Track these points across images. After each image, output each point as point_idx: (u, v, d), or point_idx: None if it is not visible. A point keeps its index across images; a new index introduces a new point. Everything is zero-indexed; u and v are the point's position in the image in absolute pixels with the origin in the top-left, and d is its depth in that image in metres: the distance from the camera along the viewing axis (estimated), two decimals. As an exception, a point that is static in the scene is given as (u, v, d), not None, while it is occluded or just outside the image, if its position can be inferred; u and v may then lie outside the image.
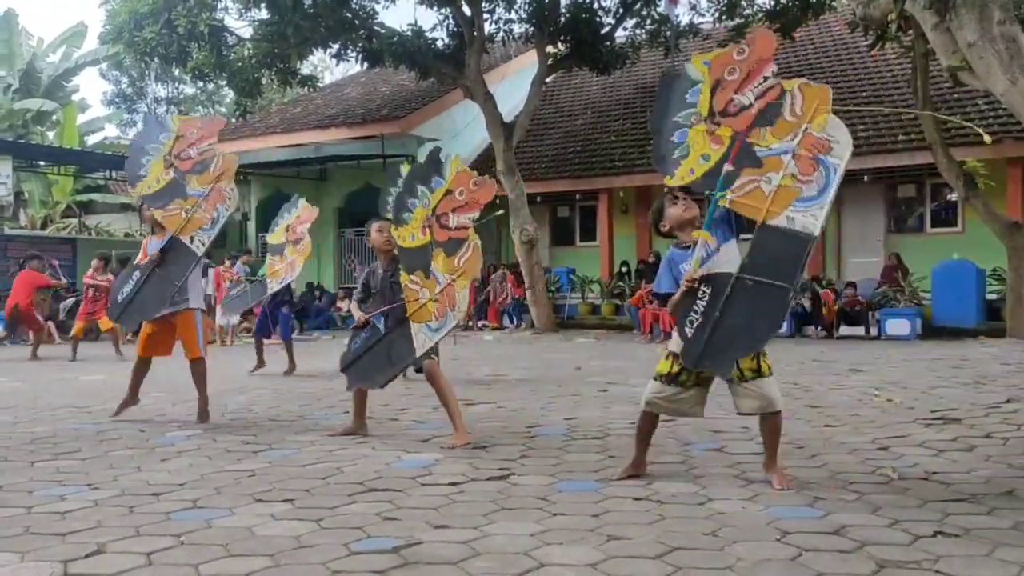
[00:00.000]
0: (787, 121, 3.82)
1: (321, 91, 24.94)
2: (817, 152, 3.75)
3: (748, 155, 3.89)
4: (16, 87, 26.93)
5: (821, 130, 3.75)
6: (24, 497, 4.06)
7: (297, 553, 3.15)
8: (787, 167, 3.79)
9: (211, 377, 6.72)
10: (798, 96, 3.82)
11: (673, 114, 4.10)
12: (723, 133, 3.95)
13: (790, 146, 3.80)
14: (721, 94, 3.96)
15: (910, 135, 16.34)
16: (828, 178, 3.74)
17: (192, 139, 6.14)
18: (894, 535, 3.23)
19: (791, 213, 3.79)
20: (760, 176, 3.86)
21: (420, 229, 5.20)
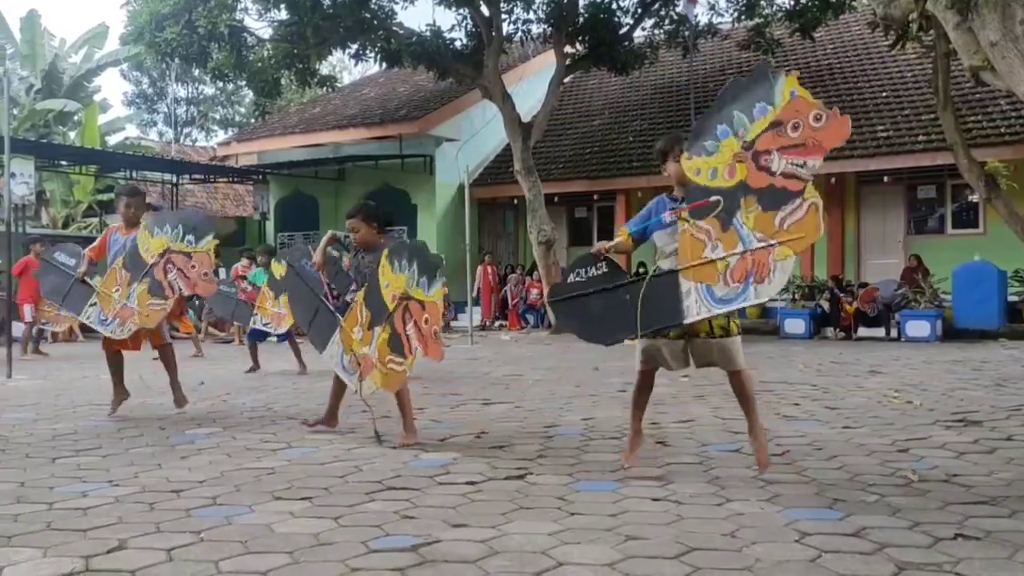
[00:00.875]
0: (773, 222, 3.77)
1: (340, 91, 25.01)
2: (754, 272, 3.78)
3: (729, 213, 3.87)
4: (38, 87, 27.15)
5: (779, 258, 3.75)
6: (46, 493, 4.10)
7: (316, 550, 3.16)
8: (732, 256, 3.84)
9: (231, 376, 6.76)
10: (800, 213, 3.72)
11: (736, 108, 3.89)
12: (740, 171, 3.84)
13: (751, 242, 3.80)
14: (771, 137, 3.76)
15: (931, 135, 16.21)
16: (737, 299, 3.85)
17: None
18: (914, 537, 3.21)
19: (694, 290, 3.96)
20: (712, 238, 3.91)
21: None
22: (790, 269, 3.76)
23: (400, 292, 5.10)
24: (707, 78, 21.82)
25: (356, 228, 5.48)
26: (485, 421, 6.19)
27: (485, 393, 7.79)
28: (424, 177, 20.61)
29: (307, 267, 6.04)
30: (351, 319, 5.37)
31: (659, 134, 19.97)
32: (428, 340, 5.07)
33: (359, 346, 5.27)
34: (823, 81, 19.87)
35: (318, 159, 21.25)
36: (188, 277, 6.24)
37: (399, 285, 5.12)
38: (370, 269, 5.36)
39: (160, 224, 6.37)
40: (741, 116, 3.88)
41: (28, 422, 6.37)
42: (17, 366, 9.73)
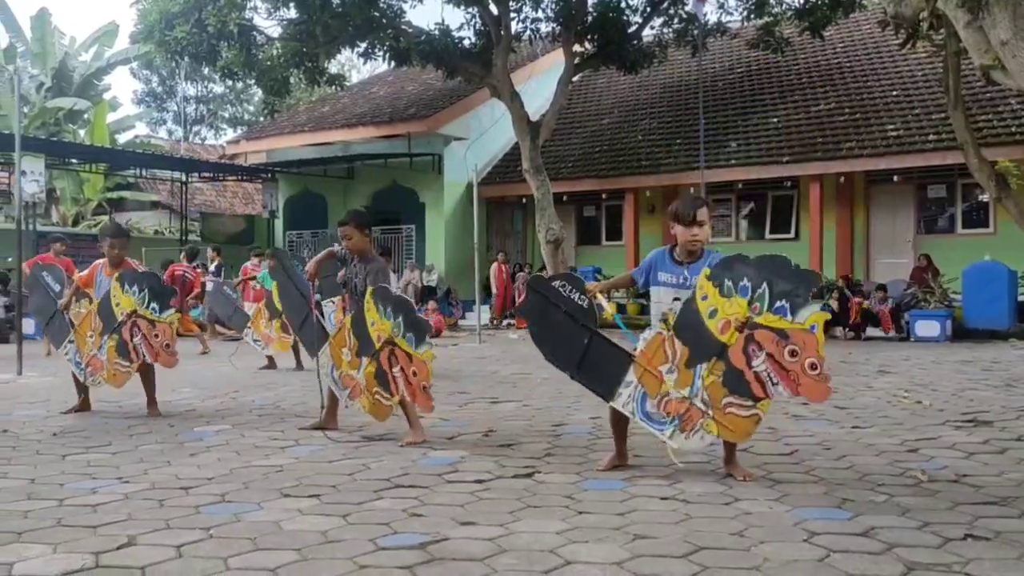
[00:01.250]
0: (720, 398, 4.01)
1: (349, 90, 25.07)
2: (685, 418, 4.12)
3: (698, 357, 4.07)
4: (49, 85, 27.28)
5: (705, 428, 4.09)
6: (56, 490, 4.12)
7: (324, 548, 3.17)
8: (677, 392, 4.12)
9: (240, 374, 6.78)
10: (744, 412, 3.99)
11: (768, 283, 3.91)
12: (730, 336, 3.97)
13: (697, 397, 4.07)
14: (772, 339, 3.89)
15: (941, 135, 16.15)
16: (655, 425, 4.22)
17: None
18: (924, 537, 3.20)
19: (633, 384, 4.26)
20: (674, 361, 4.13)
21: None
22: (708, 442, 4.10)
23: (386, 336, 5.17)
24: (716, 77, 21.79)
25: (349, 235, 5.53)
26: (493, 419, 6.20)
27: (493, 391, 7.79)
28: (433, 176, 20.63)
29: (298, 270, 6.11)
30: (340, 338, 5.46)
31: (668, 133, 20.00)
32: (416, 392, 5.11)
33: (348, 367, 5.39)
34: (832, 80, 19.83)
35: (327, 157, 21.30)
36: (151, 345, 6.27)
37: (384, 329, 5.19)
38: (359, 279, 5.51)
39: (130, 282, 6.33)
40: (766, 295, 3.88)
41: (39, 418, 6.40)
42: (32, 363, 9.77)
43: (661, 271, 4.26)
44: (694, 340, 4.04)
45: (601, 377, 4.36)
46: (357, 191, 22.00)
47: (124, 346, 6.31)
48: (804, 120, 18.64)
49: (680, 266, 4.23)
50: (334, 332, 5.60)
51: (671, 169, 18.85)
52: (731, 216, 19.83)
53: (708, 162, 17.35)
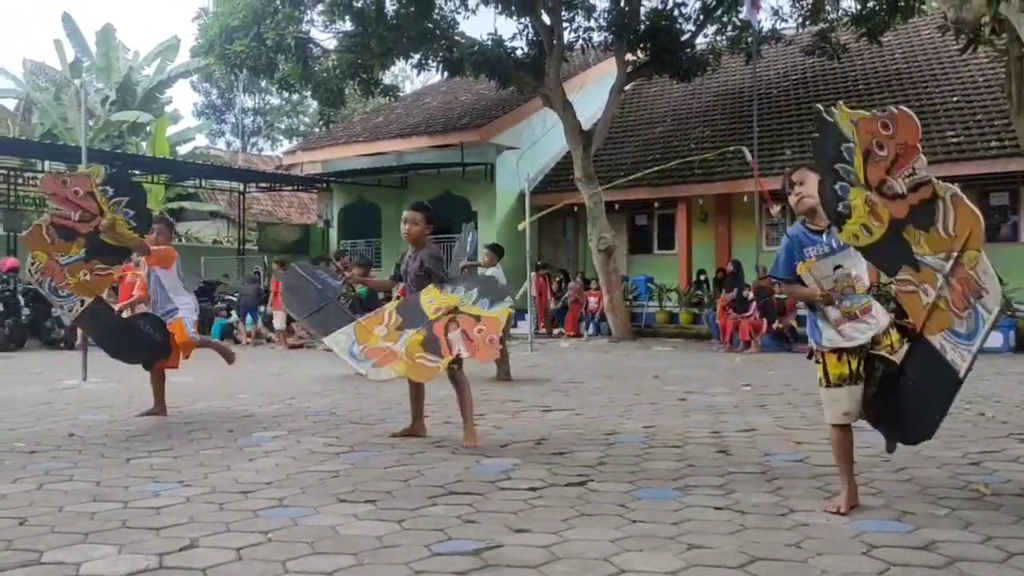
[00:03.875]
0: (940, 236, 3.40)
1: (402, 100, 25.32)
2: (967, 292, 3.38)
3: (906, 251, 3.53)
4: (113, 99, 28.01)
5: (972, 267, 3.34)
6: (120, 492, 4.23)
7: (380, 553, 3.21)
8: (940, 288, 3.46)
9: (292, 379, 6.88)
10: (950, 210, 3.35)
11: (833, 161, 3.64)
12: (882, 213, 3.54)
13: (943, 267, 3.43)
14: (873, 168, 3.50)
15: (1003, 141, 15.78)
16: (978, 326, 3.38)
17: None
18: (986, 552, 3.14)
19: (944, 341, 3.49)
20: (917, 282, 3.53)
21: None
22: (990, 269, 3.34)
23: (447, 307, 5.30)
24: (771, 84, 21.56)
25: (415, 220, 5.66)
26: (545, 428, 6.21)
27: (545, 400, 7.80)
28: (485, 185, 20.73)
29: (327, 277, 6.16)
30: (374, 319, 5.50)
31: (722, 141, 19.82)
32: (479, 346, 5.21)
33: (379, 341, 5.35)
34: (891, 86, 19.49)
35: (381, 167, 21.53)
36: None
37: (448, 302, 5.34)
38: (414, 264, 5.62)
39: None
40: (845, 166, 3.61)
41: (103, 423, 6.57)
42: (96, 368, 10.02)
43: (807, 247, 3.88)
44: (894, 257, 3.61)
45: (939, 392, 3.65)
46: (410, 200, 22.00)
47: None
48: (861, 127, 18.33)
49: (818, 234, 3.87)
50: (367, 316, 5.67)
51: (724, 177, 18.69)
52: (785, 223, 19.57)
53: (762, 170, 17.17)
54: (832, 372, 3.79)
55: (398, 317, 5.40)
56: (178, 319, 6.79)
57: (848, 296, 3.79)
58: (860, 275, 3.82)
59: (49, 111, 27.02)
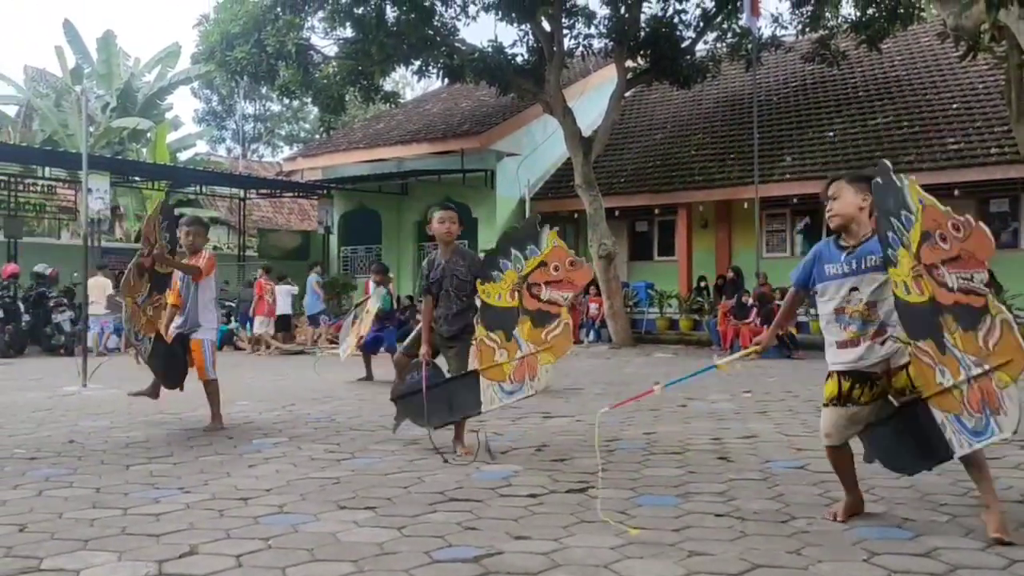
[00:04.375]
0: (977, 343, 3.28)
1: (403, 107, 25.35)
2: (987, 402, 3.30)
3: (936, 330, 3.40)
4: (113, 106, 28.03)
5: (1000, 387, 3.25)
6: (120, 499, 4.23)
7: (380, 559, 3.21)
8: (961, 382, 3.36)
9: (296, 386, 6.88)
10: (996, 330, 3.23)
11: (890, 214, 3.46)
12: (925, 286, 3.39)
13: (969, 367, 3.31)
14: (929, 251, 3.32)
15: (1003, 148, 15.79)
16: (987, 431, 3.33)
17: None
18: (988, 559, 3.13)
19: (946, 421, 3.44)
20: (936, 361, 3.42)
21: (509, 291, 5.16)
22: (1016, 398, 3.23)
23: (514, 284, 5.21)
24: (771, 91, 21.59)
25: (453, 220, 5.57)
26: (546, 434, 6.21)
27: (545, 406, 7.79)
28: (485, 191, 20.75)
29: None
30: (486, 354, 5.21)
31: (722, 148, 19.86)
32: (567, 278, 5.20)
33: (511, 362, 5.20)
34: (891, 93, 19.52)
35: (381, 174, 21.55)
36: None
37: (510, 281, 5.23)
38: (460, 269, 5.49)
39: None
40: (899, 224, 3.42)
41: (103, 430, 6.57)
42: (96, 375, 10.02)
43: (828, 263, 3.77)
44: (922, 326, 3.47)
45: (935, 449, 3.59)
46: (411, 207, 22.20)
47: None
48: (861, 134, 18.37)
49: (842, 250, 3.74)
50: (473, 359, 5.34)
51: (724, 184, 18.71)
52: (785, 231, 19.61)
53: (762, 177, 17.19)
54: (824, 391, 3.75)
55: (496, 332, 5.20)
56: (198, 340, 6.52)
57: (854, 320, 3.66)
58: (877, 303, 3.63)
59: (50, 117, 27.05)
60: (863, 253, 3.66)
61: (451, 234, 5.55)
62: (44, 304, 16.08)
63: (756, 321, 14.75)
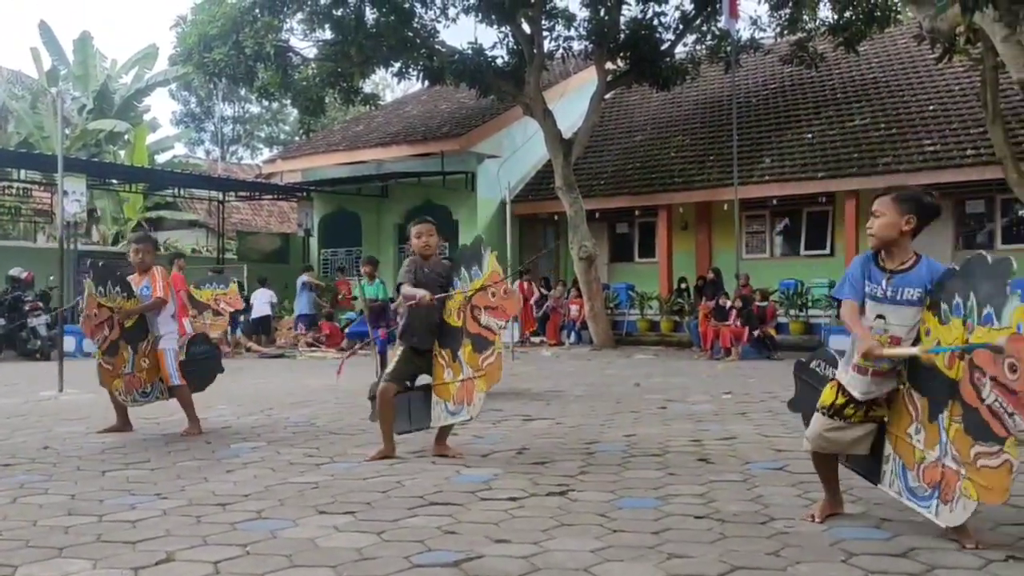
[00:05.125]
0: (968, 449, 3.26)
1: (383, 109, 25.29)
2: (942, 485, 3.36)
3: (939, 402, 3.39)
4: (90, 107, 27.78)
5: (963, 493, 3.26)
6: (96, 506, 4.18)
7: (360, 565, 3.19)
8: (930, 454, 3.43)
9: (277, 389, 6.84)
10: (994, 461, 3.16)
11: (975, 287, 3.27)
12: (958, 367, 3.30)
13: (946, 453, 3.35)
14: (987, 359, 3.17)
15: (979, 149, 15.95)
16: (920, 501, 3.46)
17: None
18: (964, 559, 3.15)
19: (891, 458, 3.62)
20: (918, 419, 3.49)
21: (457, 310, 5.29)
22: (971, 511, 3.25)
23: (461, 304, 5.30)
24: (750, 93, 21.71)
25: (431, 233, 5.54)
26: (526, 437, 6.19)
27: (526, 409, 7.79)
28: (466, 193, 20.73)
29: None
30: (439, 370, 5.42)
31: (701, 150, 19.95)
32: (501, 305, 5.22)
33: (454, 386, 5.32)
34: (868, 95, 19.67)
35: (361, 176, 21.49)
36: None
37: (458, 300, 5.32)
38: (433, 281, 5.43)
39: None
40: (974, 305, 3.24)
41: (79, 435, 6.51)
42: (72, 380, 9.92)
43: (869, 280, 3.54)
44: (929, 385, 3.43)
45: (866, 460, 3.77)
46: (391, 209, 22.15)
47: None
48: (839, 135, 18.51)
49: (882, 272, 3.53)
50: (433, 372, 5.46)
51: (704, 186, 18.79)
52: (765, 232, 19.71)
53: (742, 178, 17.27)
54: (823, 394, 3.71)
55: (445, 350, 5.39)
56: (161, 350, 6.54)
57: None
58: (899, 339, 3.49)
59: (25, 119, 26.79)
60: (901, 284, 3.49)
61: (429, 247, 5.53)
62: (19, 308, 15.91)
63: (736, 322, 14.81)
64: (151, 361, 6.52)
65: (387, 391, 5.37)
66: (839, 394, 3.62)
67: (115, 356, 6.47)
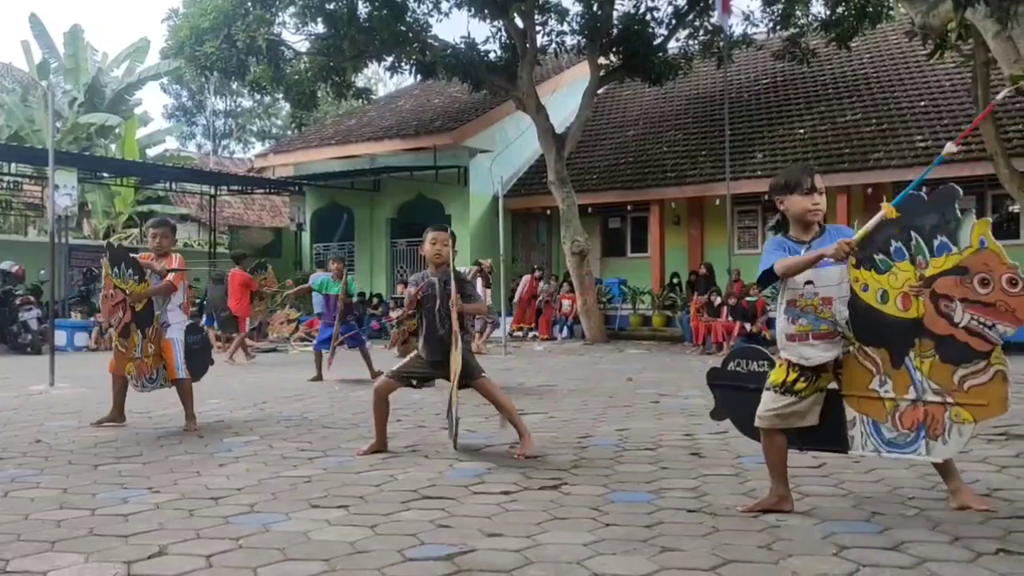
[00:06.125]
0: (950, 377, 3.33)
1: (375, 103, 25.24)
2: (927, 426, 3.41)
3: (900, 348, 3.46)
4: (81, 101, 27.65)
5: (955, 419, 3.38)
6: (88, 500, 4.18)
7: (352, 558, 3.19)
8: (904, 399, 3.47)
9: (269, 384, 6.83)
10: (984, 376, 3.28)
11: (914, 229, 3.41)
12: (916, 307, 3.36)
13: (923, 391, 3.41)
14: (952, 283, 3.27)
15: (970, 145, 15.99)
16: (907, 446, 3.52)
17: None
18: (955, 552, 3.17)
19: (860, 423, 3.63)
20: (880, 371, 3.54)
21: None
22: (968, 435, 3.33)
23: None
24: (742, 88, 21.73)
25: (445, 243, 5.38)
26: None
27: (519, 403, 7.73)
28: (458, 188, 20.72)
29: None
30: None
31: (694, 145, 19.96)
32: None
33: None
34: (859, 91, 19.71)
35: (353, 170, 21.45)
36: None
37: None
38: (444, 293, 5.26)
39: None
40: (920, 242, 3.40)
41: (71, 429, 6.49)
42: (63, 374, 9.89)
43: (788, 253, 3.70)
44: (885, 336, 3.51)
45: (825, 434, 3.76)
46: (383, 204, 22.13)
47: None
48: (831, 131, 18.55)
49: (800, 244, 3.70)
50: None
51: (696, 180, 18.82)
52: (757, 227, 19.75)
53: (734, 173, 17.29)
54: (772, 375, 3.78)
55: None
56: (168, 340, 6.47)
57: (806, 314, 3.66)
58: (830, 299, 3.63)
59: (15, 113, 26.65)
60: (820, 247, 3.62)
61: (440, 256, 5.36)
62: (10, 302, 15.84)
63: (728, 317, 14.85)
64: (156, 347, 6.48)
65: (383, 387, 5.37)
66: (789, 371, 3.69)
67: (128, 339, 6.44)
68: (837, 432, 3.72)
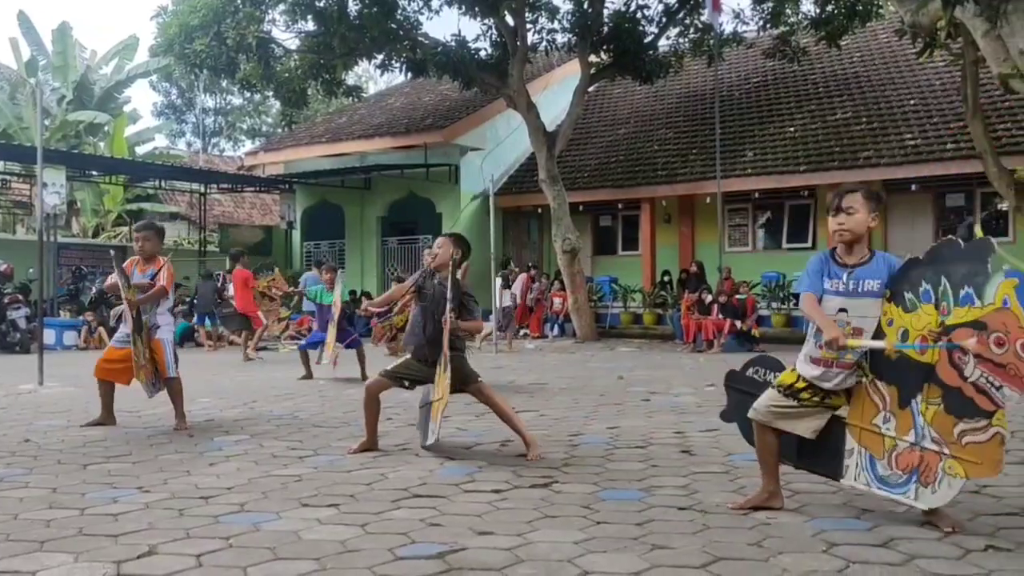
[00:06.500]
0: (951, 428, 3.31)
1: (365, 101, 25.20)
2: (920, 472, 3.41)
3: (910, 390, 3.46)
4: (70, 99, 27.52)
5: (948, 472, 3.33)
6: (77, 499, 4.16)
7: (343, 557, 3.18)
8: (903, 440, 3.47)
9: (259, 383, 6.81)
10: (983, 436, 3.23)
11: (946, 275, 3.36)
12: (931, 353, 3.38)
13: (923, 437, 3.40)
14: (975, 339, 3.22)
15: (959, 143, 16.07)
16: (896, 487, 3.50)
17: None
18: (944, 548, 3.18)
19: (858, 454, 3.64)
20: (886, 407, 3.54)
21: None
22: (957, 489, 3.33)
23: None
24: (732, 87, 21.78)
25: (441, 245, 5.37)
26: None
27: (510, 401, 7.75)
28: (449, 186, 20.71)
29: None
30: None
31: (684, 143, 20.00)
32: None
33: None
34: (850, 89, 19.77)
35: (344, 168, 21.42)
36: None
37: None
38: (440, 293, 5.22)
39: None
40: (948, 289, 3.34)
41: (59, 428, 6.45)
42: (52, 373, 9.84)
43: (826, 277, 3.63)
44: (897, 374, 3.50)
45: (821, 457, 3.79)
46: (374, 202, 22.09)
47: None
48: (821, 129, 18.60)
49: (843, 268, 3.62)
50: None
51: (687, 179, 18.85)
52: (748, 226, 19.79)
53: (724, 172, 17.34)
54: (784, 378, 3.76)
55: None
56: (158, 340, 6.44)
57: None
58: (861, 330, 3.56)
59: (4, 110, 26.51)
60: (862, 276, 3.58)
61: (438, 258, 5.33)
62: (-1, 302, 15.77)
63: (718, 315, 14.88)
64: (150, 351, 6.46)
65: (375, 386, 5.35)
66: (800, 379, 3.68)
67: (135, 347, 6.39)
68: (834, 458, 3.73)
